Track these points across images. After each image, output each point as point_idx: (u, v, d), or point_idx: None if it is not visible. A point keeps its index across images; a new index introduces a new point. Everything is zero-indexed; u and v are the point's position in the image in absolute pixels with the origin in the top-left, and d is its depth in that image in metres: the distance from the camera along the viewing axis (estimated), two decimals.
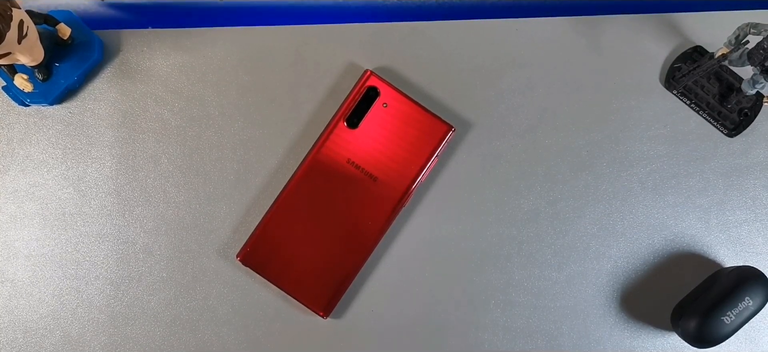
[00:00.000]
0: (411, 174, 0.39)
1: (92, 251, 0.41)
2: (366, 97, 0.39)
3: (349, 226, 0.39)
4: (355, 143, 0.39)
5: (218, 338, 0.41)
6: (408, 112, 0.39)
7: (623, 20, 0.45)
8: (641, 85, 0.44)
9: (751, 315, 0.38)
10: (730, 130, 0.43)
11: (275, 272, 0.39)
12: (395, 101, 0.39)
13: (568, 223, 0.42)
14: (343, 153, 0.39)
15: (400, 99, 0.39)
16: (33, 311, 0.41)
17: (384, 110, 0.39)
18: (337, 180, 0.39)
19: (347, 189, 0.39)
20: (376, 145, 0.39)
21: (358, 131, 0.38)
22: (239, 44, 0.43)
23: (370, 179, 0.38)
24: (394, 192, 0.39)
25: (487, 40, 0.44)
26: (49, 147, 0.42)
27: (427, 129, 0.39)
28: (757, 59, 0.38)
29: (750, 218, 0.43)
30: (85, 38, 0.42)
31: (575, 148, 0.43)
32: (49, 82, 0.41)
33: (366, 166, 0.38)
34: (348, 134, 0.39)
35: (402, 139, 0.39)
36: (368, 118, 0.39)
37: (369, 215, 0.39)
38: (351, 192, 0.39)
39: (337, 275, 0.38)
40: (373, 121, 0.39)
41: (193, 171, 0.42)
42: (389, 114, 0.39)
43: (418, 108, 0.39)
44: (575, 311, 0.42)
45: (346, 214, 0.39)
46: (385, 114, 0.39)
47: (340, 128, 0.39)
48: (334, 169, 0.38)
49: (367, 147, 0.38)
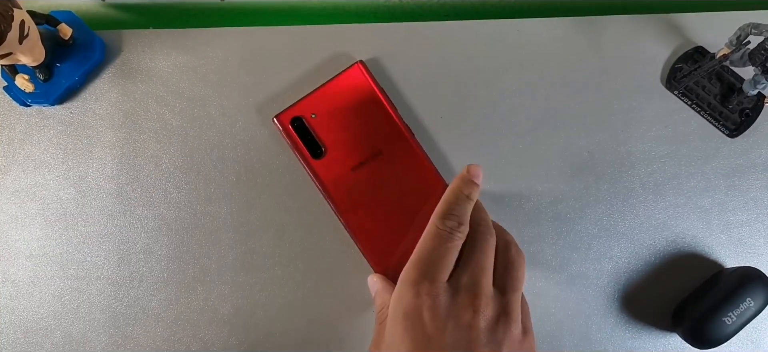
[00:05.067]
0: (388, 117, 0.39)
1: (93, 251, 0.41)
2: (300, 130, 0.39)
3: (406, 203, 0.38)
4: (338, 160, 0.39)
5: (219, 339, 0.41)
6: (327, 96, 0.39)
7: (624, 20, 0.45)
8: (642, 85, 0.44)
9: (753, 316, 0.38)
10: (732, 131, 0.43)
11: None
12: (310, 105, 0.39)
13: (569, 223, 0.42)
14: (340, 173, 0.39)
15: (313, 99, 0.39)
16: (34, 311, 0.41)
17: (318, 119, 0.39)
18: (362, 191, 0.38)
19: (374, 184, 0.38)
20: (347, 140, 0.38)
21: (328, 151, 0.39)
22: (240, 44, 0.43)
23: (378, 158, 0.38)
24: (402, 142, 0.39)
25: (487, 40, 0.44)
26: (51, 147, 0.42)
27: (350, 85, 0.39)
28: (758, 60, 0.38)
29: (751, 218, 0.43)
30: (86, 38, 0.42)
31: (576, 149, 0.43)
32: (50, 82, 0.41)
33: (363, 157, 0.38)
34: (327, 162, 0.39)
35: (352, 113, 0.39)
36: (320, 135, 0.39)
37: (410, 178, 0.39)
38: (379, 182, 0.38)
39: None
40: (324, 133, 0.39)
41: (193, 171, 0.42)
42: (324, 116, 0.39)
43: (328, 86, 0.39)
44: (576, 311, 0.42)
45: (396, 198, 0.38)
46: (323, 120, 0.39)
47: (316, 166, 0.39)
48: (352, 187, 0.38)
49: (346, 149, 0.38)
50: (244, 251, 0.41)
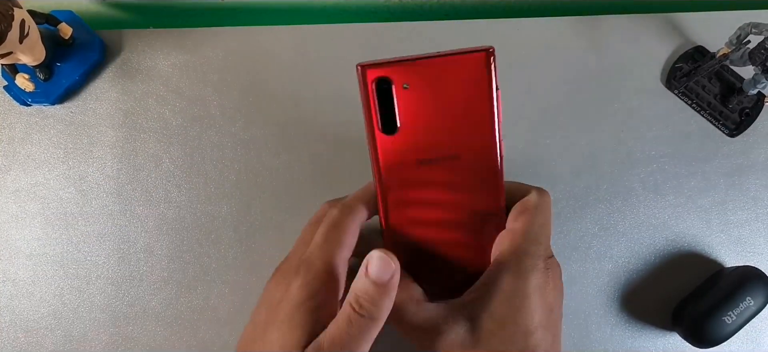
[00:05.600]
0: (487, 124, 0.32)
1: (93, 250, 0.41)
2: (382, 94, 0.31)
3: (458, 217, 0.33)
4: (409, 145, 0.31)
5: (219, 338, 0.41)
6: (433, 71, 0.31)
7: (624, 20, 0.45)
8: (642, 85, 0.44)
9: (752, 315, 0.38)
10: (732, 130, 0.43)
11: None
12: (412, 73, 0.31)
13: (569, 223, 0.42)
14: (404, 160, 0.32)
15: (415, 67, 0.31)
16: (34, 311, 0.41)
17: (408, 91, 0.31)
18: (417, 188, 0.32)
19: (435, 186, 0.32)
20: (429, 128, 0.31)
21: (401, 131, 0.31)
22: (240, 44, 0.43)
23: (452, 161, 0.32)
24: (485, 153, 0.32)
25: (487, 40, 0.44)
26: (51, 147, 0.42)
27: (465, 73, 0.31)
28: (758, 59, 0.38)
29: (751, 218, 0.43)
30: (86, 38, 0.42)
31: (576, 149, 0.43)
32: (51, 81, 0.41)
33: (437, 154, 0.32)
34: (395, 141, 0.31)
35: (450, 102, 0.31)
36: (401, 111, 0.31)
37: (475, 197, 0.32)
38: (441, 186, 0.32)
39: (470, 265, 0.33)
40: (408, 110, 0.31)
41: (194, 171, 0.42)
42: (418, 90, 0.31)
43: (440, 59, 0.31)
44: (576, 311, 0.42)
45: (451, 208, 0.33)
46: (413, 94, 0.31)
47: (382, 141, 0.31)
48: (408, 180, 0.32)
49: (424, 138, 0.31)
50: (244, 250, 0.41)
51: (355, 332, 0.26)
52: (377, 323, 0.27)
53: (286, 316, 0.27)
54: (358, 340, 0.26)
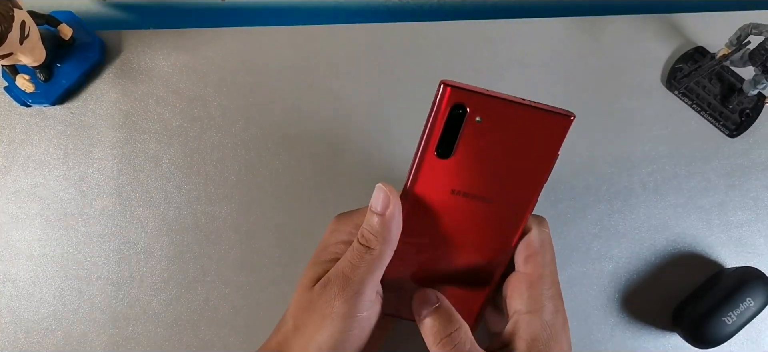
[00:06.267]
0: (533, 184, 0.32)
1: (94, 251, 0.41)
2: (452, 118, 0.30)
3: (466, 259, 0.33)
4: (450, 173, 0.31)
5: (219, 339, 0.41)
6: (511, 116, 0.30)
7: (624, 21, 0.45)
8: (642, 85, 0.44)
9: (753, 316, 0.38)
10: (732, 131, 0.43)
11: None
12: (491, 110, 0.30)
13: (569, 223, 0.42)
14: (439, 184, 0.31)
15: (496, 106, 0.30)
16: (35, 311, 0.41)
17: (480, 125, 0.30)
18: (441, 213, 0.32)
19: (457, 218, 0.32)
20: (477, 165, 0.31)
21: (452, 159, 0.31)
22: (240, 44, 0.43)
23: (483, 202, 0.32)
24: (519, 207, 0.32)
25: (487, 40, 0.44)
26: (51, 147, 0.42)
27: (539, 128, 0.30)
28: (758, 60, 0.38)
29: (751, 218, 0.43)
30: (86, 39, 0.42)
31: (576, 149, 0.43)
32: (51, 82, 0.41)
33: (473, 191, 0.31)
34: (442, 165, 0.31)
35: (511, 150, 0.31)
36: (463, 141, 0.30)
37: (488, 244, 0.33)
38: (462, 221, 0.32)
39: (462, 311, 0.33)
40: (469, 142, 0.30)
41: (194, 171, 0.42)
42: (488, 128, 0.30)
43: (523, 108, 0.30)
44: (577, 311, 0.42)
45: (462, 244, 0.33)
46: (482, 129, 0.30)
47: (431, 159, 0.31)
48: (436, 203, 0.32)
49: (467, 172, 0.31)
50: (244, 251, 0.41)
51: (356, 262, 0.29)
52: (378, 253, 0.29)
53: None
54: (360, 269, 0.29)
